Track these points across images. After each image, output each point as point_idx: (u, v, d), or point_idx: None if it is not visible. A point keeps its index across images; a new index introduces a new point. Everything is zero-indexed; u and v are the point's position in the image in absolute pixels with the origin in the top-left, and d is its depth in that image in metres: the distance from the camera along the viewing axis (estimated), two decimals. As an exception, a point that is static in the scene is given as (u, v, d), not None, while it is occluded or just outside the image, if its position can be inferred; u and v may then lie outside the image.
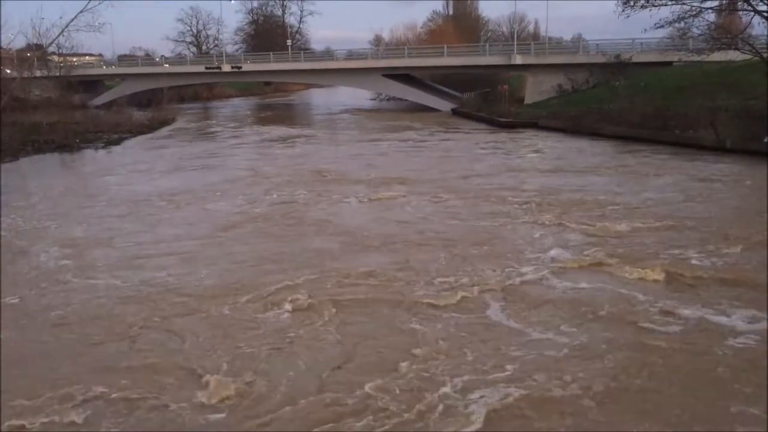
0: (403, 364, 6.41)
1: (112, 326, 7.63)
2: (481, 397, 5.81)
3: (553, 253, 10.04)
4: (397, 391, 5.92)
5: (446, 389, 5.94)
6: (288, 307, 8.04)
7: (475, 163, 20.60)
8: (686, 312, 7.59)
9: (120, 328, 7.56)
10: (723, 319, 7.39)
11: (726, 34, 25.40)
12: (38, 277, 9.54)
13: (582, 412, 5.56)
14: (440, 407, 5.63)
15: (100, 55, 69.86)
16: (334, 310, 7.94)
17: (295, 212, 13.68)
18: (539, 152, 23.08)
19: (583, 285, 8.65)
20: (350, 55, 51.30)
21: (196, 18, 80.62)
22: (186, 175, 19.76)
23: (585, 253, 10.03)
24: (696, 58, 26.87)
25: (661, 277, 8.80)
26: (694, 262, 9.49)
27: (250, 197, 15.42)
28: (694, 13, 24.95)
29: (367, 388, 5.98)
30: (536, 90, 39.19)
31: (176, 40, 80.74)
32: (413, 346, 6.85)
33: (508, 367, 6.34)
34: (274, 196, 15.61)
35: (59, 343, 7.30)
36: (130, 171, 20.61)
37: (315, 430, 5.36)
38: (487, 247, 10.56)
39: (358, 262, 9.94)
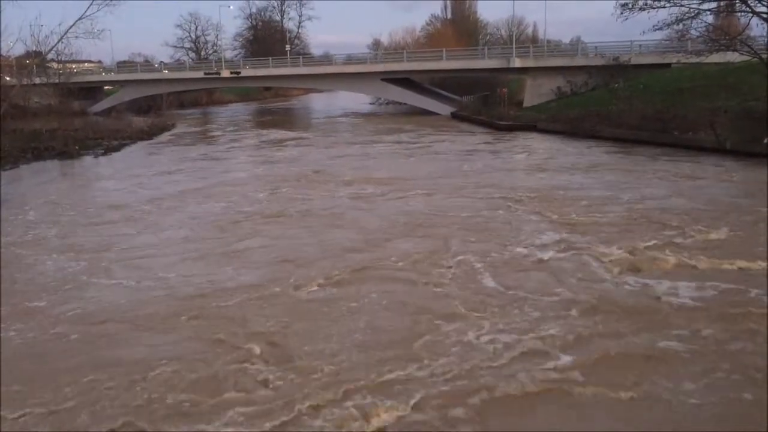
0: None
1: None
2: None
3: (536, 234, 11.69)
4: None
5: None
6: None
7: (473, 163, 20.78)
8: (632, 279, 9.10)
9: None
10: (663, 286, 8.71)
11: (724, 35, 25.39)
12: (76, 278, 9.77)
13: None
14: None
15: (99, 61, 70.01)
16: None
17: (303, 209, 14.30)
18: (534, 153, 23.35)
19: (554, 255, 10.29)
20: (349, 60, 51.36)
21: (194, 24, 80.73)
22: (191, 176, 20.04)
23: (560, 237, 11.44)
24: (695, 59, 26.87)
25: (620, 255, 10.18)
26: (647, 245, 10.68)
27: (254, 197, 15.87)
28: (693, 14, 24.92)
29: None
30: (535, 93, 39.21)
31: (175, 46, 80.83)
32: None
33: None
34: (284, 190, 16.57)
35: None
36: (127, 176, 20.71)
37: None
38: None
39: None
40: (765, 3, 23.65)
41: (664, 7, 25.24)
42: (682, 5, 24.90)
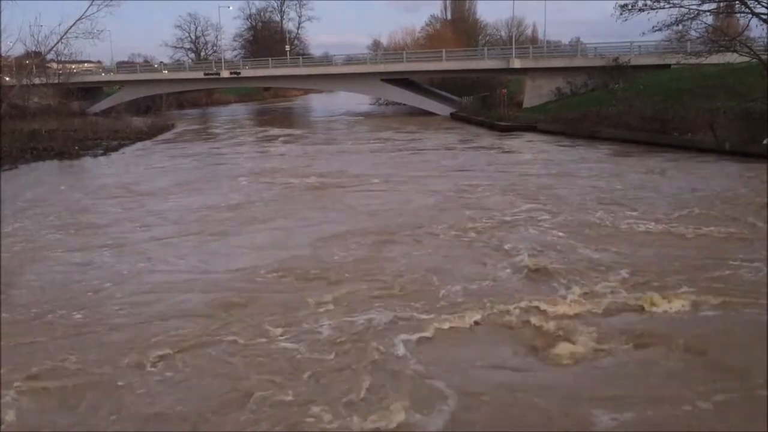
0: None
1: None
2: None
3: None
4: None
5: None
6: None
7: (474, 161, 20.86)
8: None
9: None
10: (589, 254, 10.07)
11: (724, 36, 25.40)
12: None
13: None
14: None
15: (99, 62, 69.89)
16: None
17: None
18: (532, 153, 23.43)
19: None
20: (349, 60, 51.35)
21: (194, 24, 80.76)
22: (198, 178, 19.99)
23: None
24: (694, 60, 26.84)
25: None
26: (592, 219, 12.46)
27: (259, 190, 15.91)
28: (692, 15, 24.93)
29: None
30: (535, 93, 39.22)
31: (175, 47, 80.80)
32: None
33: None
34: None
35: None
36: (125, 173, 20.72)
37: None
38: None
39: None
40: (764, 4, 23.67)
41: (663, 8, 25.25)
42: (681, 6, 24.91)
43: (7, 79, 39.75)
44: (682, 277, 8.80)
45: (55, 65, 44.25)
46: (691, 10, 24.78)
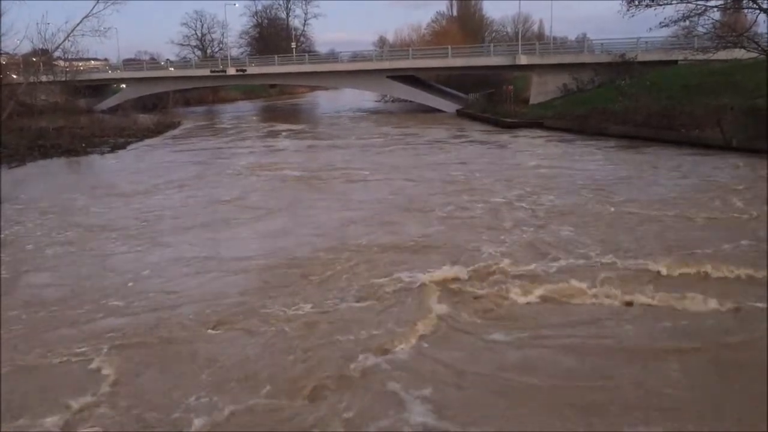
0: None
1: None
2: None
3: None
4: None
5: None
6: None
7: (479, 158, 20.87)
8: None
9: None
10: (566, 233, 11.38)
11: (731, 32, 25.27)
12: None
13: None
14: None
15: (106, 59, 70.03)
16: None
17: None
18: (536, 149, 23.52)
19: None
20: (355, 57, 51.29)
21: (200, 22, 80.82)
22: (202, 179, 20.04)
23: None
24: (701, 56, 26.71)
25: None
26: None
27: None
28: (699, 11, 24.87)
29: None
30: (541, 90, 39.11)
31: (181, 44, 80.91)
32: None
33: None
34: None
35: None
36: (132, 173, 20.85)
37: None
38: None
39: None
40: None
41: (670, 4, 25.21)
42: (689, 2, 24.85)
43: (15, 76, 39.86)
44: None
45: (62, 63, 44.31)
46: (699, 6, 24.74)
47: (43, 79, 39.55)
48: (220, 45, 79.28)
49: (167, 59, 66.83)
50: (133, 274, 9.91)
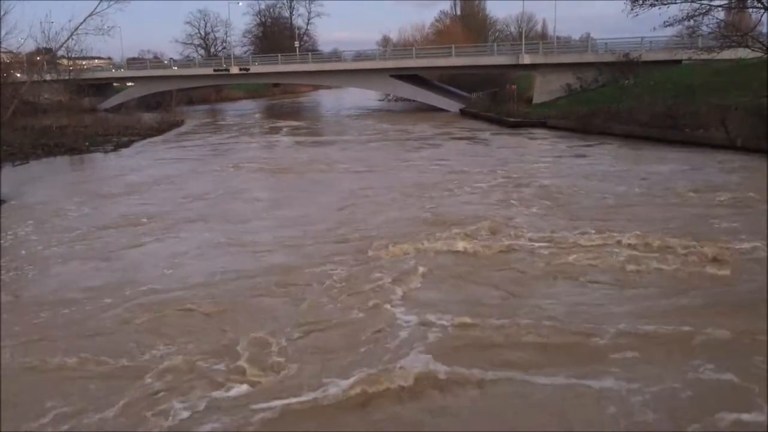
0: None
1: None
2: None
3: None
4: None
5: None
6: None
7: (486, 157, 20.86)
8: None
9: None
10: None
11: (735, 31, 25.21)
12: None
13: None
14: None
15: (109, 58, 69.95)
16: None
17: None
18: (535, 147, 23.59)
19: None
20: (358, 56, 51.27)
21: (204, 20, 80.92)
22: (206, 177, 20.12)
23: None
24: (705, 56, 26.68)
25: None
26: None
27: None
28: (704, 10, 24.84)
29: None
30: (545, 89, 39.05)
31: (184, 43, 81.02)
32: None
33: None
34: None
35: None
36: (132, 170, 20.87)
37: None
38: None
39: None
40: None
41: (674, 3, 25.19)
42: (693, 1, 24.80)
43: (18, 75, 39.95)
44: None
45: (65, 62, 44.36)
46: (703, 5, 24.71)
47: (47, 77, 39.64)
48: (224, 44, 79.31)
49: (171, 58, 66.79)
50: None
